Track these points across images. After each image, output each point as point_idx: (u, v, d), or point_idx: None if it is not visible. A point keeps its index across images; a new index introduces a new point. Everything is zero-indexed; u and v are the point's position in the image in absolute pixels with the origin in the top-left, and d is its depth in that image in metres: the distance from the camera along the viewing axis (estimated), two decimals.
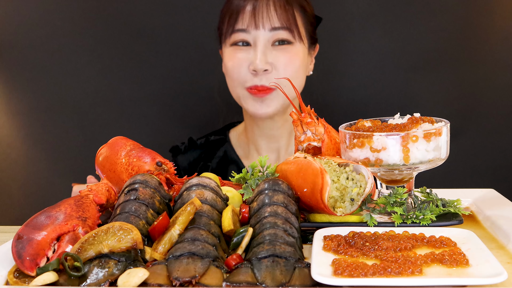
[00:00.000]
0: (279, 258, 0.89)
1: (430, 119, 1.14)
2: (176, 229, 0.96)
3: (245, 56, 1.77)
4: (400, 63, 2.37)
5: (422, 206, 1.11)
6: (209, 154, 2.00)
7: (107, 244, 0.91)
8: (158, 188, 1.11)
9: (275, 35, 1.76)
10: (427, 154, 1.09)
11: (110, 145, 1.29)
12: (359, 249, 0.95)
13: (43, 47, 2.42)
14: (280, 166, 1.18)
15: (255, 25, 1.75)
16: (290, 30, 1.77)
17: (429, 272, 0.87)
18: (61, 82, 2.44)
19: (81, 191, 1.17)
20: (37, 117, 2.47)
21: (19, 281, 0.93)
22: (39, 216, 1.05)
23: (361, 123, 1.19)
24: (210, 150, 2.01)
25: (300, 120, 1.25)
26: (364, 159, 1.11)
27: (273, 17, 1.75)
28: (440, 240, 0.97)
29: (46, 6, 2.40)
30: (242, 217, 1.05)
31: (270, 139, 1.91)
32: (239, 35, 1.77)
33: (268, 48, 1.76)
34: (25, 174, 2.52)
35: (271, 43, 1.77)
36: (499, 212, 1.21)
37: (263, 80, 1.74)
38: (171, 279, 0.85)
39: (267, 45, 1.76)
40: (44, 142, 2.48)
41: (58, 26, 2.41)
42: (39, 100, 2.45)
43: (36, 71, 2.44)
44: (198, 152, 2.02)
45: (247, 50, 1.78)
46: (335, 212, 1.06)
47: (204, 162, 1.98)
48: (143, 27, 2.40)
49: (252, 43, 1.77)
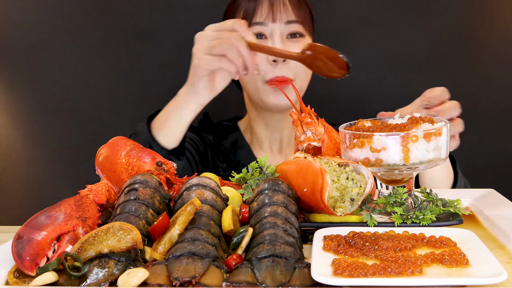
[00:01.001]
0: (279, 258, 0.89)
1: (430, 119, 1.14)
2: (176, 229, 0.96)
3: None
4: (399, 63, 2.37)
5: (422, 206, 1.11)
6: (222, 135, 2.05)
7: (107, 244, 0.91)
8: (158, 188, 1.11)
9: (289, 28, 1.83)
10: (427, 154, 1.09)
11: (110, 145, 1.29)
12: (359, 249, 0.95)
13: (43, 47, 2.42)
14: (280, 166, 1.18)
15: (273, 18, 1.81)
16: (303, 24, 1.84)
17: (429, 272, 0.87)
18: (61, 82, 2.44)
19: (81, 191, 1.17)
20: (37, 117, 2.46)
21: (19, 281, 0.93)
22: (39, 216, 1.05)
23: (361, 123, 1.19)
24: (222, 133, 2.06)
25: (300, 120, 1.25)
26: (364, 159, 1.11)
27: (289, 11, 1.82)
28: (440, 240, 0.97)
29: (46, 6, 2.40)
30: (242, 217, 1.05)
31: (274, 130, 1.97)
32: (256, 28, 1.82)
33: (284, 40, 1.83)
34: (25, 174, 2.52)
35: (286, 35, 1.83)
36: (499, 212, 1.21)
37: (282, 70, 1.80)
38: (171, 279, 0.85)
39: (282, 37, 1.83)
40: (44, 142, 2.48)
41: (58, 26, 2.41)
42: (39, 100, 2.45)
43: (36, 71, 2.44)
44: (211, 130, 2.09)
45: (264, 43, 1.82)
46: (335, 212, 1.06)
47: (218, 139, 2.03)
48: (143, 27, 2.40)
49: (269, 36, 1.83)
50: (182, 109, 1.61)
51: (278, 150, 1.99)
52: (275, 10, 1.81)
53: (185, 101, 1.61)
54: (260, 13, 1.82)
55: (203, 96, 1.58)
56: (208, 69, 1.52)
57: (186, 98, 1.61)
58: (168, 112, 1.64)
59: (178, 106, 1.62)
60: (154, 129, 1.65)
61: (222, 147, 2.01)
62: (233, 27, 1.51)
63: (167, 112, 1.65)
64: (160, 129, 1.63)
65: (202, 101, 1.60)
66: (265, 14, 1.81)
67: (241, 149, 2.00)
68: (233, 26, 1.51)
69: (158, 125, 1.64)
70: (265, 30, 1.83)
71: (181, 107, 1.61)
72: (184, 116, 1.62)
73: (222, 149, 2.00)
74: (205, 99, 1.60)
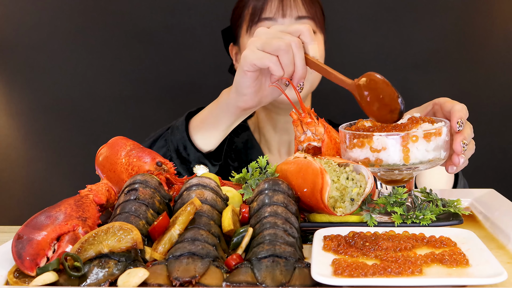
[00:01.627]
0: (279, 258, 0.89)
1: (430, 119, 1.14)
2: (176, 229, 0.96)
3: None
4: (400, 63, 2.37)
5: (422, 206, 1.11)
6: (233, 133, 1.97)
7: (107, 244, 0.91)
8: (158, 188, 1.11)
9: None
10: (427, 154, 1.09)
11: (110, 145, 1.29)
12: (359, 249, 0.95)
13: (43, 47, 2.42)
14: (280, 166, 1.18)
15: (283, 13, 1.78)
16: (314, 20, 1.81)
17: (429, 272, 0.87)
18: (61, 82, 2.44)
19: (81, 191, 1.17)
20: (37, 117, 2.47)
21: (19, 281, 0.93)
22: (39, 216, 1.05)
23: (361, 123, 1.19)
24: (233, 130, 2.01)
25: (300, 120, 1.25)
26: (364, 159, 1.11)
27: (299, 6, 1.79)
28: (440, 240, 0.97)
29: (46, 6, 2.40)
30: (242, 217, 1.05)
31: (283, 132, 1.94)
32: (265, 23, 1.79)
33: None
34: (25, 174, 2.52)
35: None
36: (499, 212, 1.21)
37: None
38: (171, 279, 0.85)
39: None
40: (44, 142, 2.48)
41: (58, 26, 2.41)
42: (39, 100, 2.45)
43: (36, 71, 2.44)
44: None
45: None
46: (335, 212, 1.06)
47: (231, 137, 1.96)
48: (143, 27, 2.40)
49: None
50: (222, 110, 1.45)
51: (286, 152, 1.96)
52: (285, 5, 1.77)
53: (226, 101, 1.44)
54: (270, 8, 1.78)
55: (245, 97, 1.38)
56: (254, 64, 1.32)
57: (227, 97, 1.44)
58: (207, 111, 1.51)
59: (218, 105, 1.47)
60: (191, 128, 1.53)
61: (234, 145, 1.98)
62: (299, 33, 1.33)
63: (206, 111, 1.51)
64: (197, 129, 1.52)
65: (243, 104, 1.40)
66: (275, 9, 1.78)
67: (252, 149, 1.97)
68: (299, 32, 1.33)
69: (196, 124, 1.53)
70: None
71: (221, 107, 1.45)
72: (222, 118, 1.46)
73: (234, 147, 1.97)
74: (247, 102, 1.39)
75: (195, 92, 2.45)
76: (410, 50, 2.35)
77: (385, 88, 1.13)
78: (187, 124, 1.55)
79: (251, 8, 1.81)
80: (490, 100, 2.37)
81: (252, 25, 1.82)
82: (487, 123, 2.35)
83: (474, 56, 2.36)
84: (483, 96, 2.37)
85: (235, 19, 1.89)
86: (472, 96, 2.35)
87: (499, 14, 2.34)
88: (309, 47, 1.33)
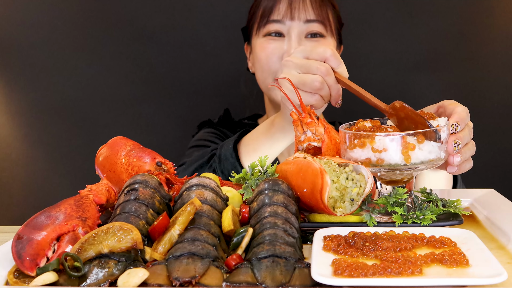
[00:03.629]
0: (279, 258, 0.89)
1: (431, 115, 1.14)
2: (176, 229, 0.96)
3: (278, 46, 1.81)
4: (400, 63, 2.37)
5: (422, 206, 1.11)
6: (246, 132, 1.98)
7: (107, 244, 0.91)
8: (158, 188, 1.11)
9: (309, 27, 1.81)
10: (428, 155, 1.09)
11: (110, 145, 1.29)
12: (359, 249, 0.95)
13: (43, 47, 2.42)
14: (280, 166, 1.18)
15: (291, 16, 1.79)
16: (323, 24, 1.82)
17: (429, 272, 0.87)
18: (61, 82, 2.44)
19: (81, 191, 1.17)
20: (37, 117, 2.47)
21: (19, 281, 0.93)
22: (39, 216, 1.05)
23: (361, 123, 1.19)
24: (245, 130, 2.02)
25: (300, 120, 1.25)
26: (365, 159, 1.11)
27: (308, 10, 1.80)
28: (440, 240, 0.97)
29: (46, 6, 2.41)
30: (242, 217, 1.05)
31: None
32: (274, 25, 1.81)
33: (302, 39, 1.81)
34: (25, 174, 2.52)
35: (304, 35, 1.81)
36: (499, 212, 1.21)
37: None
38: (171, 279, 0.85)
39: (300, 36, 1.81)
40: (44, 142, 2.48)
41: (58, 26, 2.41)
42: (39, 100, 2.45)
43: (36, 71, 2.44)
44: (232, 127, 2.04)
45: (280, 41, 1.81)
46: (335, 212, 1.06)
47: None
48: (143, 27, 2.40)
49: (286, 34, 1.81)
50: (278, 142, 1.49)
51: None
52: (294, 8, 1.79)
53: (282, 133, 1.48)
54: (278, 10, 1.80)
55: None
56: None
57: (283, 130, 1.47)
58: (260, 141, 1.53)
59: (272, 137, 1.50)
60: (243, 156, 1.56)
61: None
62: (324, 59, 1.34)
63: (259, 141, 1.54)
64: (249, 158, 1.54)
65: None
66: (283, 12, 1.79)
67: None
68: (324, 58, 1.34)
69: (248, 152, 1.56)
70: (282, 28, 1.81)
71: (277, 139, 1.49)
72: (278, 148, 1.50)
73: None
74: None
75: (196, 92, 2.45)
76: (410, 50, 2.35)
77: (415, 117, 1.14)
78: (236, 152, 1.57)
79: (261, 10, 1.84)
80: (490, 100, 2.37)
81: (260, 26, 1.84)
82: (487, 123, 2.35)
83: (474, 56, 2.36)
84: (483, 96, 2.37)
85: (249, 19, 1.92)
86: (472, 96, 2.35)
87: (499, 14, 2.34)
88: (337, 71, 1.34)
